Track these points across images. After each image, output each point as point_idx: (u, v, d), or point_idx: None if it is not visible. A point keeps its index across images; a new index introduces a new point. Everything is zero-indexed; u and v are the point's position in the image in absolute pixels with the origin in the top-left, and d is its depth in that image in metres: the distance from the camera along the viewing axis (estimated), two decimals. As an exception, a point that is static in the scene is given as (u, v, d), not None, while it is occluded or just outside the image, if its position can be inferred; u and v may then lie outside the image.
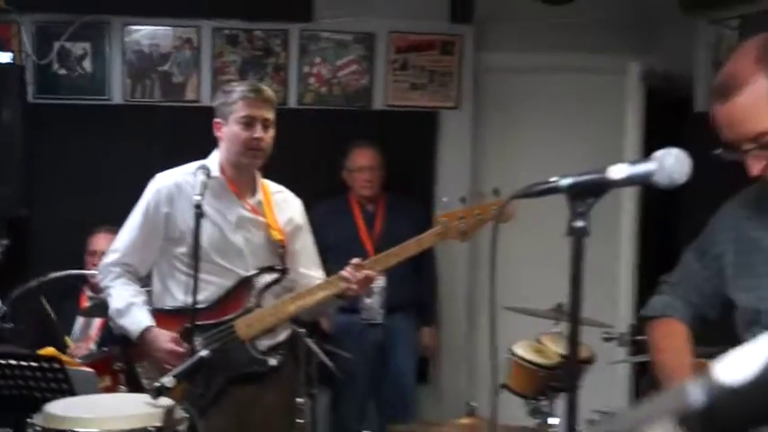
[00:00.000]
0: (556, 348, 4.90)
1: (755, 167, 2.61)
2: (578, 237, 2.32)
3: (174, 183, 4.45)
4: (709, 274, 2.97)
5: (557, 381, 4.81)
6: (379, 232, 6.47)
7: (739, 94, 2.57)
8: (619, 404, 5.87)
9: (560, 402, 4.82)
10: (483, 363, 6.97)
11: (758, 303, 2.76)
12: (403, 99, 7.04)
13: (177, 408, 3.52)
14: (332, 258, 4.81)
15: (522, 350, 4.86)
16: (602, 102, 7.17)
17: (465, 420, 4.65)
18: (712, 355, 3.00)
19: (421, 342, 6.66)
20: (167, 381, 3.45)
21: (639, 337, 5.24)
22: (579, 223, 2.30)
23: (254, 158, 4.45)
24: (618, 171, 2.29)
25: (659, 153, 2.27)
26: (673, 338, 3.03)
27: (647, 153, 6.65)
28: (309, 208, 4.81)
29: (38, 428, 3.45)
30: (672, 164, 2.25)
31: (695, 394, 0.73)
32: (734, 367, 0.72)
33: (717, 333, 3.02)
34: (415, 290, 6.57)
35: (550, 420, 4.71)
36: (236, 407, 4.23)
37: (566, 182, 2.33)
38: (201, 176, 4.19)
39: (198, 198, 4.08)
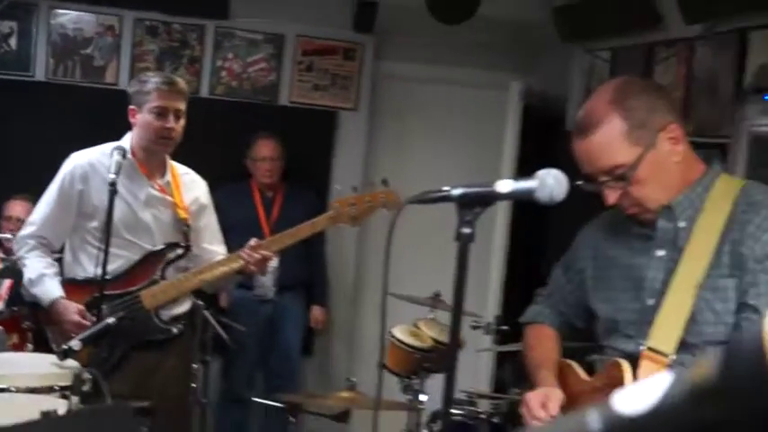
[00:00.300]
0: (430, 333, 4.96)
1: (611, 197, 2.69)
2: (464, 242, 2.35)
3: (89, 161, 4.39)
4: (572, 287, 3.06)
5: (428, 362, 4.87)
6: (275, 217, 6.47)
7: (595, 132, 2.65)
8: (482, 386, 5.94)
9: (430, 382, 4.90)
10: (363, 342, 7.05)
11: (615, 314, 2.84)
12: (306, 97, 7.04)
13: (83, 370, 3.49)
14: (232, 238, 4.79)
15: (400, 333, 4.90)
16: (484, 114, 7.24)
17: (345, 394, 4.68)
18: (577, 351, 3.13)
19: (311, 319, 6.67)
20: (74, 344, 3.43)
21: (503, 327, 5.36)
22: (466, 230, 2.33)
23: (165, 146, 4.43)
24: (504, 185, 2.32)
25: (541, 172, 2.30)
26: (543, 340, 3.11)
27: (522, 165, 6.81)
28: (214, 190, 4.79)
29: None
30: (552, 183, 2.29)
31: (593, 421, 0.73)
32: (631, 398, 0.71)
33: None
34: (305, 271, 6.61)
35: (421, 397, 4.77)
36: (138, 371, 4.21)
37: (457, 192, 2.35)
38: (117, 157, 4.13)
39: (113, 177, 4.03)
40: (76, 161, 4.42)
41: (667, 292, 2.68)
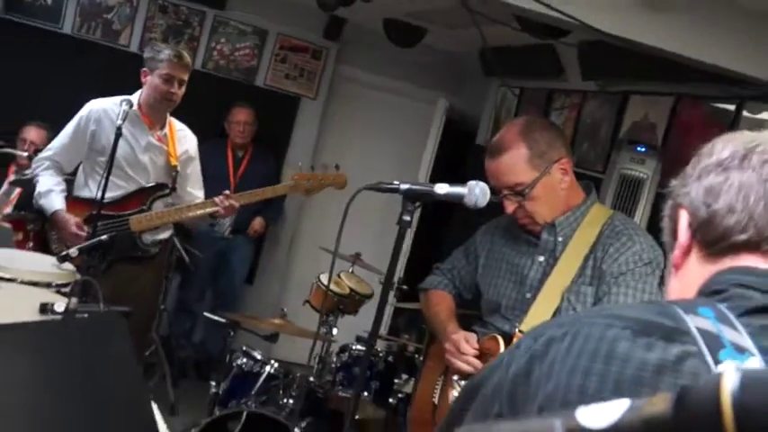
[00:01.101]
0: (348, 283, 5.02)
1: (509, 208, 2.75)
2: (403, 228, 2.38)
3: (103, 108, 4.35)
4: (470, 267, 3.08)
5: (343, 305, 4.92)
6: (241, 173, 6.44)
7: (504, 154, 2.71)
8: (381, 330, 5.99)
9: (341, 320, 4.96)
10: (294, 281, 7.07)
11: (499, 299, 2.88)
12: (278, 83, 6.99)
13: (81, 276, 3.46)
14: (205, 186, 4.77)
15: (325, 279, 4.93)
16: (413, 121, 7.25)
17: (276, 320, 4.70)
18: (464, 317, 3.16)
19: (250, 227, 6.53)
20: (72, 251, 3.41)
21: (404, 287, 5.43)
22: (407, 218, 2.37)
23: (167, 106, 4.41)
24: (441, 188, 2.37)
25: (471, 183, 2.35)
26: (443, 301, 3.12)
27: (437, 166, 6.83)
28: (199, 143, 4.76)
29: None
30: (478, 192, 2.34)
31: (559, 430, 0.70)
32: (593, 415, 0.69)
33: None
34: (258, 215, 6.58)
35: (334, 331, 4.82)
36: (119, 279, 4.18)
37: (404, 187, 2.39)
38: (125, 107, 4.10)
39: (119, 123, 4.03)
40: (93, 106, 4.38)
41: (542, 290, 2.74)
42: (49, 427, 1.48)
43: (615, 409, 0.68)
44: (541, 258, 2.79)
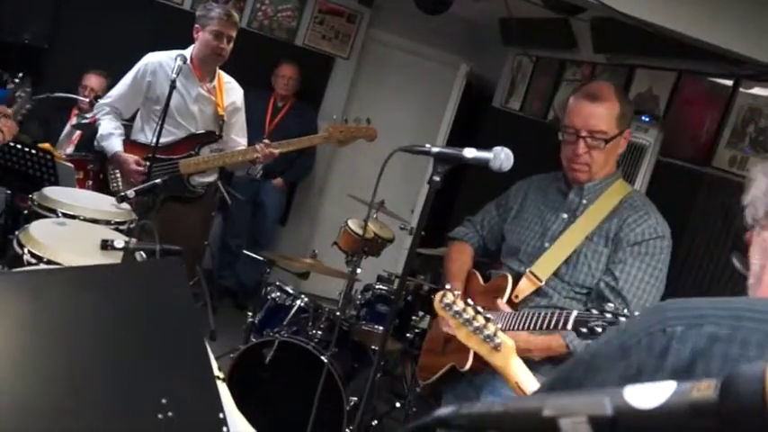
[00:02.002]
0: (373, 228, 5.01)
1: (581, 149, 2.69)
2: (433, 187, 2.35)
3: (159, 61, 4.33)
4: (499, 219, 3.05)
5: (367, 248, 4.93)
6: (277, 122, 6.38)
7: (603, 102, 2.67)
8: (399, 270, 6.01)
9: (365, 261, 4.96)
10: (324, 224, 7.06)
11: (519, 244, 2.85)
12: (315, 43, 6.91)
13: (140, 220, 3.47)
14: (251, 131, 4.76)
15: (353, 224, 4.94)
16: (436, 83, 7.16)
17: (307, 260, 4.73)
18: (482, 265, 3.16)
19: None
20: (130, 193, 3.38)
21: (422, 233, 5.40)
22: (436, 178, 2.34)
23: (217, 61, 4.37)
24: (469, 152, 2.32)
25: (496, 149, 2.30)
26: (462, 255, 3.10)
27: (455, 126, 6.79)
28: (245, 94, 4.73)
29: (35, 202, 3.35)
30: (503, 158, 2.30)
31: (607, 405, 0.68)
32: (641, 395, 0.67)
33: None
34: (293, 167, 6.54)
35: (358, 270, 4.83)
36: (171, 217, 4.18)
37: (435, 150, 2.36)
38: (179, 62, 4.09)
39: (173, 76, 4.01)
40: (150, 59, 4.36)
41: (557, 241, 2.74)
42: (111, 366, 1.49)
43: (662, 391, 0.67)
44: (565, 216, 2.79)
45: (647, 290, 2.59)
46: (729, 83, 4.23)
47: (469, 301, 1.86)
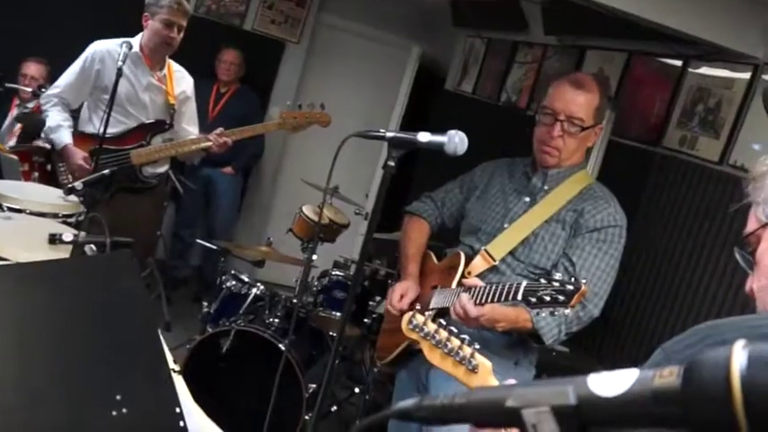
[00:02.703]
0: (327, 213, 4.97)
1: (556, 131, 2.73)
2: (388, 173, 2.33)
3: (107, 49, 4.22)
4: (461, 197, 3.07)
5: (322, 234, 4.89)
6: (219, 108, 6.27)
7: (587, 91, 2.73)
8: (355, 255, 5.99)
9: (321, 247, 4.92)
10: (278, 212, 7.01)
11: (480, 224, 2.88)
12: (264, 28, 6.84)
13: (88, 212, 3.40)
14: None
15: (307, 210, 4.91)
16: (388, 67, 7.12)
17: (263, 248, 4.69)
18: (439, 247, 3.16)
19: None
20: (77, 184, 3.30)
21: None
22: (391, 163, 2.32)
23: (167, 50, 4.30)
24: (423, 136, 2.30)
25: (451, 132, 2.29)
26: (418, 233, 3.11)
27: (408, 109, 6.75)
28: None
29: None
30: (457, 141, 2.30)
31: (570, 395, 0.68)
32: (604, 383, 0.67)
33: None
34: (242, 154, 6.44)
35: (314, 257, 4.79)
36: (122, 208, 4.11)
37: (389, 135, 2.33)
38: (125, 49, 4.00)
39: (120, 64, 3.92)
40: (97, 47, 4.26)
41: (515, 222, 2.77)
42: (63, 362, 1.46)
43: (625, 379, 0.66)
44: (527, 199, 2.83)
45: (602, 277, 2.65)
46: (679, 63, 4.28)
47: (442, 321, 1.83)
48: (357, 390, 4.77)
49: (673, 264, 3.98)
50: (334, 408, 4.67)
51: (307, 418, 4.05)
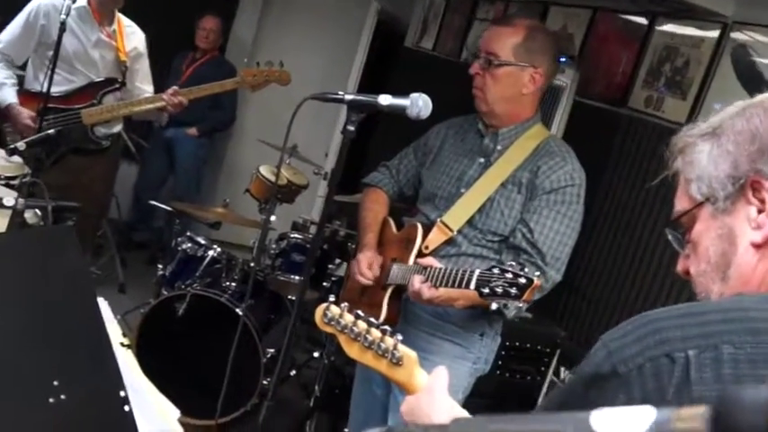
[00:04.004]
0: (286, 174, 4.86)
1: (474, 68, 2.66)
2: (347, 137, 2.23)
3: (52, 3, 4.01)
4: (417, 163, 2.96)
5: (280, 194, 4.78)
6: (191, 71, 6.07)
7: (504, 27, 2.65)
8: (315, 217, 5.88)
9: (279, 208, 4.81)
10: (234, 172, 6.84)
11: (436, 190, 2.77)
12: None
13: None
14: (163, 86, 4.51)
15: (264, 170, 4.79)
16: (346, 23, 6.90)
17: (219, 209, 4.56)
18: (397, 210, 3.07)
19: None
20: (20, 145, 3.14)
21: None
22: (350, 127, 2.21)
23: (116, 3, 4.14)
24: (384, 99, 2.21)
25: (414, 95, 2.21)
26: (376, 204, 2.99)
27: (367, 67, 6.60)
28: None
29: None
30: (421, 105, 2.21)
31: None
32: (613, 424, 0.53)
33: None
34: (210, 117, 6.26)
35: (271, 218, 4.66)
36: (72, 171, 3.96)
37: (349, 97, 2.22)
38: (68, 2, 3.77)
39: (63, 17, 3.71)
40: (42, 1, 4.05)
41: (471, 188, 2.67)
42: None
43: (637, 420, 0.53)
44: (481, 160, 2.71)
45: (562, 240, 2.56)
46: (645, 21, 4.18)
47: (359, 312, 1.71)
48: (316, 354, 4.69)
49: (639, 227, 3.92)
50: (293, 372, 4.59)
51: (265, 383, 3.97)
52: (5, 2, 4.22)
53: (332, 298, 1.82)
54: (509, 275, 2.16)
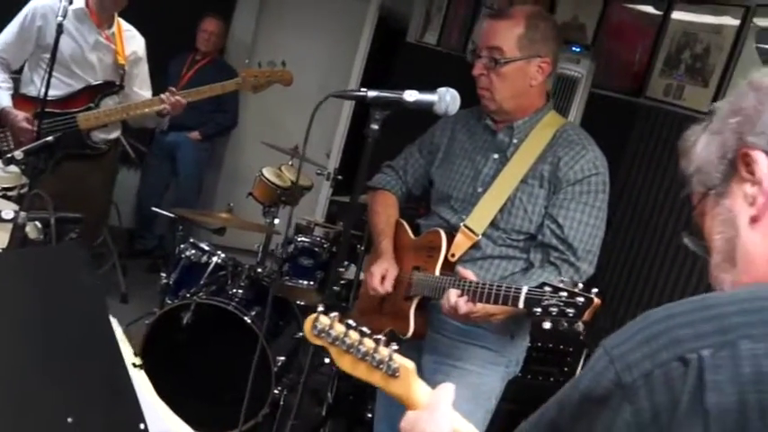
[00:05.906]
0: (289, 176, 4.78)
1: (477, 69, 2.53)
2: (372, 137, 2.10)
3: (49, 5, 3.90)
4: (424, 161, 2.82)
5: (284, 197, 4.68)
6: (192, 74, 5.95)
7: (504, 20, 2.51)
8: (318, 218, 5.77)
9: (282, 211, 4.70)
10: (241, 177, 6.69)
11: (450, 190, 2.65)
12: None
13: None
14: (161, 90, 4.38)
15: (268, 173, 4.69)
16: (347, 20, 6.76)
17: (223, 214, 4.44)
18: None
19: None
20: (17, 154, 3.01)
21: (339, 177, 5.19)
22: (374, 126, 2.09)
23: (115, 6, 4.03)
24: (410, 95, 2.10)
25: (441, 90, 2.11)
26: (386, 206, 2.85)
27: (369, 63, 6.49)
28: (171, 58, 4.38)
29: None
30: (449, 99, 2.11)
31: None
32: None
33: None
34: (212, 122, 6.14)
35: (275, 221, 4.58)
36: (69, 177, 3.83)
37: (372, 94, 2.10)
38: (65, 3, 3.66)
39: (60, 19, 3.59)
40: (38, 3, 3.96)
41: (491, 186, 2.54)
42: (3, 382, 1.21)
43: None
44: (496, 156, 2.59)
45: (593, 233, 2.43)
46: (659, 12, 4.06)
47: (350, 322, 1.57)
48: (326, 360, 4.56)
49: (662, 217, 3.80)
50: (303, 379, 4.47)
51: (276, 392, 3.85)
52: (2, 4, 4.11)
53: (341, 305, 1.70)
54: (564, 294, 2.01)
